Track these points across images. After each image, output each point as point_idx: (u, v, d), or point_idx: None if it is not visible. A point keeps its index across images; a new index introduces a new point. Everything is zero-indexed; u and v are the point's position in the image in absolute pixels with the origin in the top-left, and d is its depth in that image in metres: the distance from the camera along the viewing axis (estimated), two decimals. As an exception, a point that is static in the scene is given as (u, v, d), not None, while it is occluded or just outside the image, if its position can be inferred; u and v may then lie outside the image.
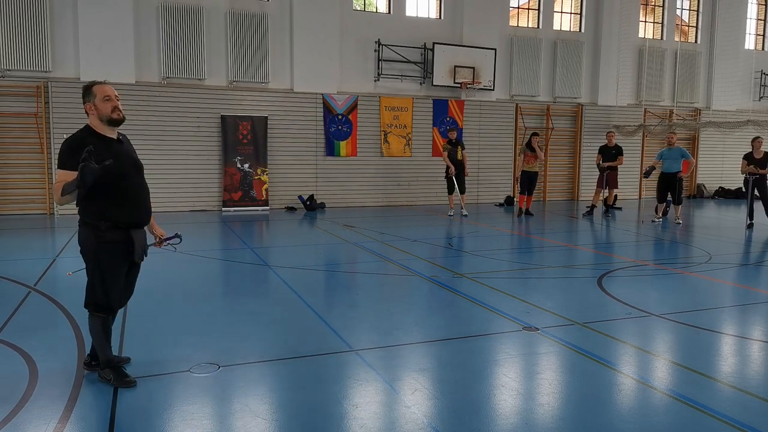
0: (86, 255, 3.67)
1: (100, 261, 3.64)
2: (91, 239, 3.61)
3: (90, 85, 3.67)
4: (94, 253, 3.63)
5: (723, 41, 18.69)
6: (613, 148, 13.38)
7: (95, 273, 3.67)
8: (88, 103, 3.62)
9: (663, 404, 3.61)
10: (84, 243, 3.66)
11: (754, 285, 7.03)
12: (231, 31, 13.57)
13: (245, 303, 5.89)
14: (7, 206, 12.39)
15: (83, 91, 3.67)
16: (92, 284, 3.70)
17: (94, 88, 3.64)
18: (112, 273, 3.70)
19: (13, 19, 12.04)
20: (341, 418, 3.38)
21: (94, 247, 3.61)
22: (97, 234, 3.59)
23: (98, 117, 3.62)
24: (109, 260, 3.66)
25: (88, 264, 3.69)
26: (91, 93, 3.62)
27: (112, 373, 3.75)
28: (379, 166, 15.22)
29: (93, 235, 3.59)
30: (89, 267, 3.69)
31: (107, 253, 3.64)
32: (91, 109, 3.62)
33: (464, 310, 5.67)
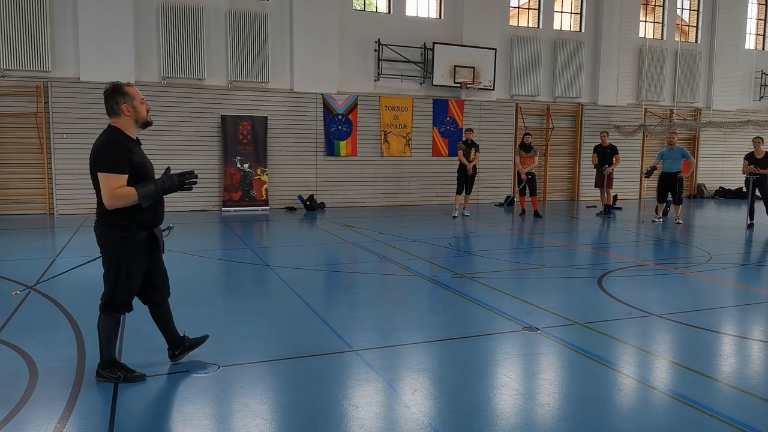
0: (110, 255, 3.68)
1: (127, 260, 3.68)
2: (117, 239, 3.63)
3: (122, 86, 3.66)
4: (120, 252, 3.65)
5: (723, 41, 18.69)
6: (608, 147, 13.37)
7: (120, 272, 3.68)
8: (125, 104, 3.61)
9: (663, 404, 3.60)
10: (108, 244, 3.67)
11: (754, 285, 7.03)
12: (231, 31, 13.56)
13: (245, 303, 5.89)
14: (7, 206, 12.39)
15: (115, 91, 3.62)
16: (115, 284, 3.71)
17: (129, 89, 3.65)
18: (136, 272, 3.76)
19: (13, 19, 12.04)
20: (341, 418, 3.38)
21: (121, 247, 3.64)
22: (125, 234, 3.62)
23: (134, 118, 3.65)
24: (135, 259, 3.71)
25: (111, 264, 3.69)
26: (128, 94, 3.63)
27: (119, 370, 3.77)
28: (379, 166, 15.22)
29: (119, 235, 3.62)
30: (113, 267, 3.69)
31: (133, 251, 3.69)
32: (129, 110, 3.62)
33: (464, 310, 5.67)
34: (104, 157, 3.50)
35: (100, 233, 3.70)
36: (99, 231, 3.70)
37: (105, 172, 3.49)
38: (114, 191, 3.48)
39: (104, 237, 3.67)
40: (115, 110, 3.61)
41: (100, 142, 3.58)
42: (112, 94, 3.62)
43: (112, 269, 3.70)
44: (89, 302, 5.71)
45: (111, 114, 3.64)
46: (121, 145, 3.55)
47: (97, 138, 3.65)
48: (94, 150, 3.59)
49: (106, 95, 3.64)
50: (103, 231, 3.67)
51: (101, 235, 3.69)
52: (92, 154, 3.58)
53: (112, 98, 3.61)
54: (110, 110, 3.64)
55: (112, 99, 3.61)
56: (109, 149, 3.52)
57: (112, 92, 3.63)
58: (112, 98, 3.61)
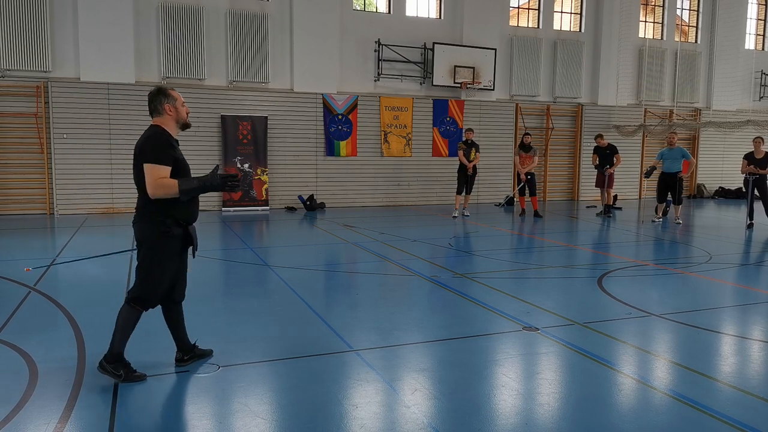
0: (147, 249, 3.77)
1: (163, 255, 3.78)
2: (155, 234, 3.73)
3: (165, 89, 3.86)
4: (157, 248, 3.75)
5: (723, 41, 18.69)
6: (607, 147, 13.36)
7: (154, 266, 3.77)
8: (168, 104, 3.80)
9: (663, 404, 3.61)
10: (147, 239, 3.76)
11: (754, 285, 7.03)
12: (231, 31, 13.56)
13: (245, 303, 5.89)
14: (7, 206, 12.39)
15: (159, 92, 3.81)
16: (147, 277, 3.78)
17: (171, 92, 3.85)
18: (169, 267, 3.84)
19: (13, 19, 12.04)
20: (341, 418, 3.38)
21: (159, 243, 3.75)
22: (163, 230, 3.72)
23: (175, 119, 3.84)
24: (170, 255, 3.81)
25: (146, 257, 3.77)
26: (171, 96, 3.82)
27: (122, 368, 3.79)
28: (379, 166, 15.22)
29: (158, 231, 3.72)
30: (147, 260, 3.77)
31: (170, 247, 3.79)
32: (171, 110, 3.81)
33: (464, 310, 5.67)
34: (150, 148, 3.66)
35: (138, 228, 3.80)
36: (137, 226, 3.80)
37: (150, 162, 3.63)
38: (157, 180, 3.61)
39: (142, 232, 3.77)
40: (159, 110, 3.80)
41: (146, 137, 3.74)
42: (157, 95, 3.81)
43: (146, 262, 3.78)
44: (89, 302, 5.73)
45: (154, 113, 3.82)
46: (165, 140, 3.73)
47: (141, 136, 3.79)
48: (139, 144, 3.73)
49: (150, 96, 3.83)
50: (142, 226, 3.78)
51: (140, 230, 3.79)
52: (137, 149, 3.72)
53: (156, 99, 3.80)
54: (154, 110, 3.81)
55: (156, 99, 3.80)
56: (155, 142, 3.70)
57: (156, 93, 3.82)
58: (156, 99, 3.80)
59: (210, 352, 4.30)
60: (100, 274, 7.18)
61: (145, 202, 3.72)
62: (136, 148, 3.74)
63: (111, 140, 12.84)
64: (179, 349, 4.14)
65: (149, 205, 3.71)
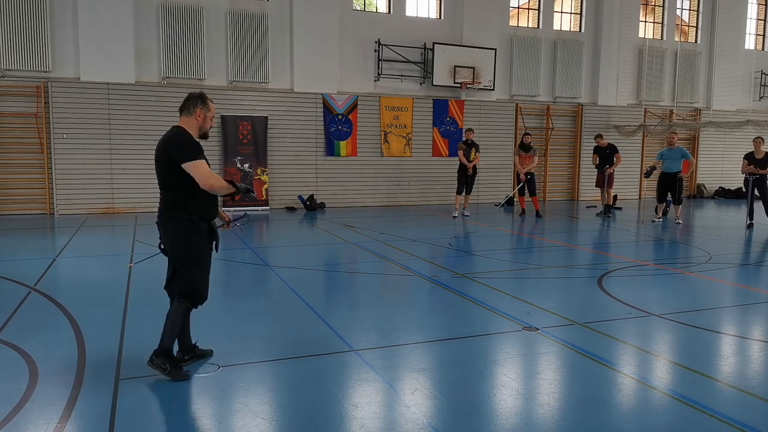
0: (178, 248, 3.86)
1: (197, 250, 3.89)
2: (184, 231, 3.82)
3: (206, 96, 3.99)
4: (188, 244, 3.85)
5: (723, 41, 18.69)
6: (607, 147, 13.36)
7: (193, 263, 3.88)
8: (200, 109, 3.91)
9: (663, 404, 3.61)
10: (175, 237, 3.85)
11: (754, 285, 7.03)
12: (231, 31, 13.56)
13: (245, 303, 5.89)
14: (7, 206, 12.39)
15: (198, 96, 3.93)
16: (191, 274, 3.89)
17: (209, 101, 4.00)
18: (206, 260, 3.97)
19: (13, 19, 12.04)
20: (341, 418, 3.38)
21: (188, 239, 3.84)
22: (190, 226, 3.82)
23: (199, 125, 3.95)
24: (203, 249, 3.93)
25: (180, 257, 3.86)
26: (207, 105, 3.96)
27: (169, 362, 3.86)
28: (379, 166, 15.22)
29: (185, 228, 3.82)
30: (182, 259, 3.86)
31: (200, 242, 3.90)
32: (200, 115, 3.93)
33: (464, 310, 5.67)
34: (185, 148, 3.77)
35: (165, 228, 3.88)
36: (164, 226, 3.88)
37: (191, 160, 3.74)
38: (208, 173, 3.77)
39: (170, 232, 3.86)
40: (189, 110, 3.90)
41: (172, 135, 3.83)
42: (194, 97, 3.93)
43: (185, 260, 3.87)
44: (89, 302, 5.73)
45: (183, 111, 3.92)
46: (189, 138, 3.86)
47: (163, 136, 3.88)
48: (164, 145, 3.80)
49: (188, 96, 3.95)
50: (168, 226, 3.86)
51: (167, 230, 3.88)
52: (163, 150, 3.78)
53: (192, 100, 3.92)
54: (184, 108, 3.92)
55: (191, 101, 3.92)
56: (186, 140, 3.81)
57: (196, 96, 3.94)
58: (192, 100, 3.92)
59: (210, 352, 4.30)
60: (100, 274, 7.18)
61: (170, 201, 3.83)
62: (161, 150, 3.80)
63: (111, 140, 12.84)
64: (180, 348, 4.14)
65: (175, 204, 3.81)
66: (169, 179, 3.82)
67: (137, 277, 6.85)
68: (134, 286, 6.43)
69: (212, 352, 4.29)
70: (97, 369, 4.02)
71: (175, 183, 3.81)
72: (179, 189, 3.81)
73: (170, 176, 3.80)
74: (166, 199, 3.87)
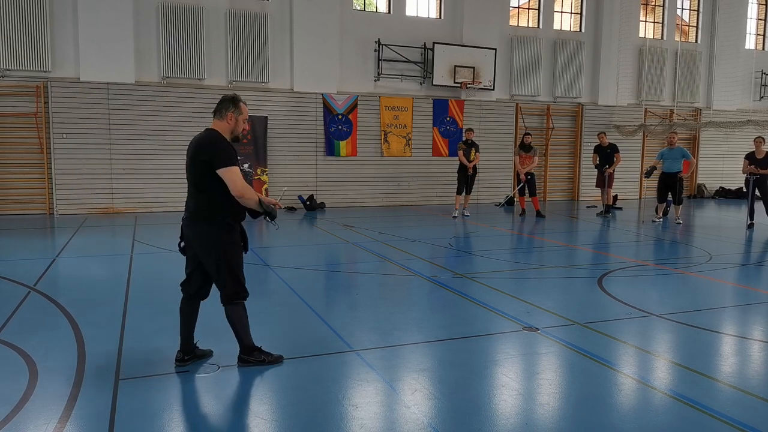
0: (218, 248, 3.88)
1: (234, 248, 3.95)
2: (220, 234, 3.87)
3: (239, 100, 3.97)
4: (226, 242, 3.90)
5: (723, 41, 18.69)
6: (608, 147, 13.35)
7: (232, 263, 3.93)
8: (232, 113, 3.91)
9: (663, 404, 3.60)
10: (211, 239, 3.88)
11: (754, 285, 7.03)
12: (231, 31, 13.56)
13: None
14: (7, 206, 12.39)
15: (231, 100, 3.92)
16: (234, 273, 3.95)
17: (242, 105, 3.97)
18: (241, 255, 4.04)
19: (13, 19, 12.04)
20: (341, 418, 3.38)
21: (224, 240, 3.90)
22: (227, 228, 3.90)
23: (232, 129, 3.95)
24: (237, 249, 4.00)
25: (219, 258, 3.88)
26: (239, 108, 3.94)
27: (262, 354, 4.07)
28: (379, 166, 15.21)
29: (221, 230, 3.88)
30: (222, 261, 3.89)
31: (235, 243, 3.97)
32: (232, 119, 3.93)
33: (464, 310, 5.67)
34: (221, 153, 3.78)
35: (198, 231, 3.89)
36: (197, 228, 3.89)
37: (229, 166, 3.76)
38: (242, 182, 3.80)
39: (205, 234, 3.88)
40: (222, 114, 3.92)
41: (207, 139, 3.85)
42: (227, 101, 3.93)
43: (225, 260, 3.90)
44: (89, 302, 5.73)
45: (216, 115, 3.94)
46: (227, 144, 3.89)
47: (198, 138, 3.90)
48: (199, 148, 3.82)
49: (222, 99, 3.94)
50: (203, 228, 3.88)
51: (200, 233, 3.89)
52: (197, 153, 3.80)
53: (223, 104, 3.92)
54: (218, 111, 3.93)
55: (224, 104, 3.92)
56: (222, 145, 3.83)
57: (228, 100, 3.94)
58: (225, 104, 3.92)
59: (210, 352, 4.30)
60: (99, 274, 7.18)
61: (204, 203, 3.85)
62: (195, 153, 3.81)
63: (111, 140, 12.84)
64: (182, 348, 4.13)
65: (210, 206, 3.85)
66: (203, 182, 3.84)
67: (137, 277, 6.85)
68: (134, 286, 6.43)
69: (212, 353, 4.30)
70: (97, 369, 4.02)
71: (210, 186, 3.83)
72: (215, 192, 3.83)
73: (205, 180, 3.82)
74: (199, 201, 3.87)
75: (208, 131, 3.94)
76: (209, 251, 3.90)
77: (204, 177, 3.81)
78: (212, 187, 3.82)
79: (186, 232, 3.97)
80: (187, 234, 3.97)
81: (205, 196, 3.86)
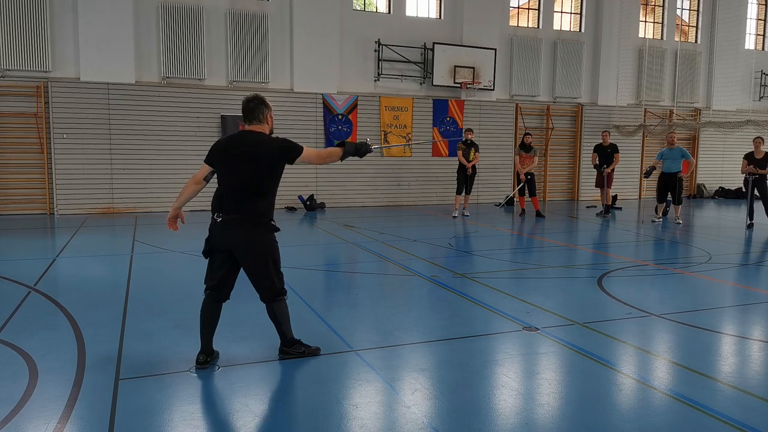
0: (267, 249, 4.01)
1: (276, 248, 4.09)
2: (267, 234, 4.01)
3: (264, 99, 4.11)
4: (272, 243, 4.05)
5: (723, 41, 18.68)
6: (609, 147, 13.35)
7: (277, 260, 4.08)
8: (269, 114, 4.12)
9: (663, 404, 3.61)
10: (264, 240, 4.00)
11: (754, 285, 7.03)
12: (231, 31, 13.56)
13: (245, 303, 5.88)
14: (7, 206, 12.39)
15: (262, 102, 4.06)
16: (277, 274, 4.08)
17: (268, 102, 4.14)
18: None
19: (13, 19, 12.04)
20: (341, 418, 3.38)
21: (274, 241, 4.07)
22: (274, 229, 4.05)
23: (271, 127, 4.17)
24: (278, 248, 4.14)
25: (268, 256, 4.00)
26: (269, 106, 4.13)
27: (302, 347, 4.26)
28: (379, 166, 15.21)
29: (270, 231, 4.02)
30: (270, 260, 4.01)
31: (277, 242, 4.12)
32: (270, 120, 4.14)
33: (464, 310, 5.67)
34: (288, 144, 3.98)
35: (252, 234, 3.96)
36: (252, 231, 3.95)
37: (299, 149, 3.99)
38: (317, 152, 4.13)
39: (258, 236, 3.97)
40: (260, 118, 4.06)
41: (268, 140, 3.98)
42: (260, 105, 4.04)
43: (270, 259, 4.01)
44: (89, 302, 5.73)
45: (254, 120, 4.04)
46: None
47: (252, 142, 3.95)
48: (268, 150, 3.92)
49: (252, 104, 4.02)
50: (257, 231, 3.97)
51: (253, 236, 3.96)
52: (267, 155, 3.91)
53: (259, 108, 4.04)
54: (255, 117, 4.04)
55: (258, 109, 4.04)
56: (279, 140, 4.02)
57: (260, 103, 4.05)
58: (259, 108, 4.04)
59: (216, 353, 4.28)
60: (100, 274, 7.18)
61: (261, 207, 3.96)
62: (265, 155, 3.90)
63: (111, 140, 12.84)
64: (203, 350, 4.08)
65: (266, 210, 3.99)
66: (265, 185, 3.95)
67: (137, 277, 6.85)
68: (134, 286, 6.43)
69: (218, 354, 4.27)
70: (97, 369, 4.02)
71: (270, 189, 3.99)
72: (272, 195, 4.02)
73: (270, 182, 3.97)
74: (256, 205, 3.94)
75: (256, 134, 4.00)
76: (264, 253, 3.98)
77: (267, 179, 3.94)
78: (271, 189, 4.00)
79: (229, 235, 3.95)
80: (232, 238, 3.95)
81: (265, 199, 3.98)
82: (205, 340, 4.11)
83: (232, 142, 4.02)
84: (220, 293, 4.10)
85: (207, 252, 4.09)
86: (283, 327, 4.20)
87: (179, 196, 4.29)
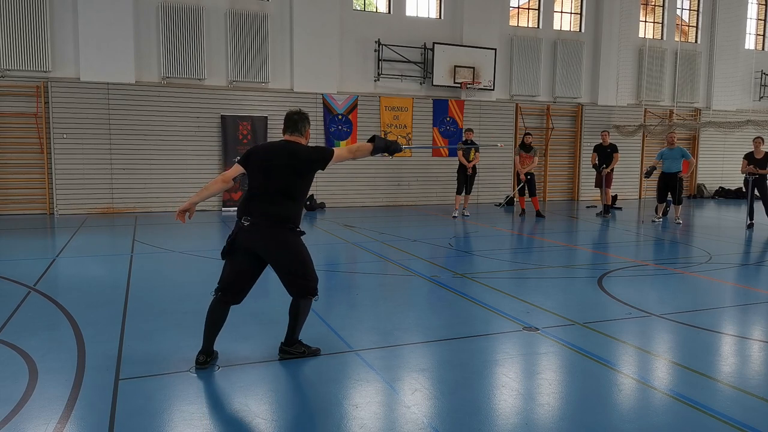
0: (295, 249, 4.09)
1: (305, 248, 4.17)
2: (296, 237, 4.12)
3: (307, 115, 4.31)
4: (301, 244, 4.14)
5: (723, 41, 18.69)
6: (608, 146, 13.35)
7: (309, 263, 4.15)
8: (309, 129, 4.30)
9: (663, 404, 3.61)
10: (292, 242, 4.08)
11: (754, 285, 7.03)
12: (231, 31, 13.56)
13: (245, 303, 5.87)
14: (7, 206, 12.39)
15: (306, 118, 4.26)
16: (310, 273, 4.15)
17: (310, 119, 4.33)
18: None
19: (13, 19, 12.04)
20: (341, 418, 3.38)
21: (300, 241, 4.16)
22: (299, 231, 4.14)
23: (307, 141, 4.30)
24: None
25: (298, 257, 4.08)
26: (309, 122, 4.31)
27: (302, 347, 4.30)
28: (379, 166, 15.20)
29: (296, 233, 4.11)
30: (303, 261, 4.10)
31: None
32: (309, 134, 4.32)
33: (464, 310, 5.67)
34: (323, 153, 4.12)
35: (284, 236, 4.04)
36: (283, 234, 4.03)
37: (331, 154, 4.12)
38: (347, 148, 4.25)
39: (282, 236, 4.04)
40: (301, 131, 4.24)
41: (304, 148, 4.13)
42: (303, 119, 4.25)
43: (299, 259, 4.08)
44: (89, 302, 5.73)
45: (295, 132, 4.20)
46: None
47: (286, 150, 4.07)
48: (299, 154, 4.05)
49: (296, 117, 4.21)
50: (287, 235, 4.06)
51: (285, 237, 4.04)
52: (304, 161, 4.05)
53: (302, 122, 4.24)
54: (297, 129, 4.21)
55: (301, 122, 4.23)
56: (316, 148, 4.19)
57: (304, 118, 4.26)
58: (302, 122, 4.24)
59: (216, 353, 4.29)
60: (100, 274, 7.18)
61: (293, 210, 4.07)
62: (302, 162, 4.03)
63: (111, 140, 12.84)
64: (204, 351, 4.09)
65: (297, 213, 4.12)
66: (297, 190, 4.07)
67: (137, 277, 6.85)
68: (134, 286, 6.43)
69: (217, 354, 4.28)
70: (97, 369, 4.02)
71: (302, 193, 4.12)
72: (303, 199, 4.18)
73: (303, 187, 4.10)
74: (288, 208, 4.06)
75: (291, 143, 4.14)
76: (295, 254, 4.07)
77: (302, 184, 4.08)
78: (303, 194, 4.13)
79: (259, 238, 4.00)
80: (261, 240, 4.00)
81: (297, 204, 4.10)
82: (208, 340, 4.11)
83: (274, 149, 4.16)
84: (232, 295, 4.12)
85: (227, 252, 4.10)
86: (298, 325, 4.24)
87: (202, 190, 4.36)
